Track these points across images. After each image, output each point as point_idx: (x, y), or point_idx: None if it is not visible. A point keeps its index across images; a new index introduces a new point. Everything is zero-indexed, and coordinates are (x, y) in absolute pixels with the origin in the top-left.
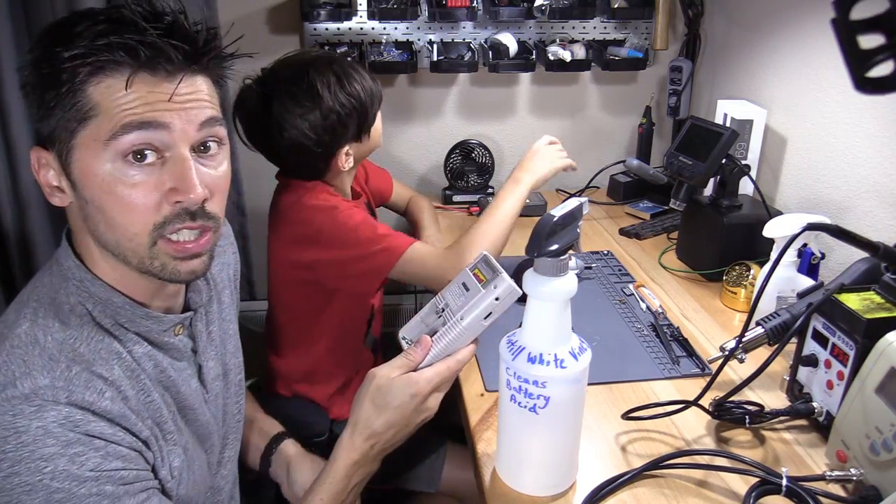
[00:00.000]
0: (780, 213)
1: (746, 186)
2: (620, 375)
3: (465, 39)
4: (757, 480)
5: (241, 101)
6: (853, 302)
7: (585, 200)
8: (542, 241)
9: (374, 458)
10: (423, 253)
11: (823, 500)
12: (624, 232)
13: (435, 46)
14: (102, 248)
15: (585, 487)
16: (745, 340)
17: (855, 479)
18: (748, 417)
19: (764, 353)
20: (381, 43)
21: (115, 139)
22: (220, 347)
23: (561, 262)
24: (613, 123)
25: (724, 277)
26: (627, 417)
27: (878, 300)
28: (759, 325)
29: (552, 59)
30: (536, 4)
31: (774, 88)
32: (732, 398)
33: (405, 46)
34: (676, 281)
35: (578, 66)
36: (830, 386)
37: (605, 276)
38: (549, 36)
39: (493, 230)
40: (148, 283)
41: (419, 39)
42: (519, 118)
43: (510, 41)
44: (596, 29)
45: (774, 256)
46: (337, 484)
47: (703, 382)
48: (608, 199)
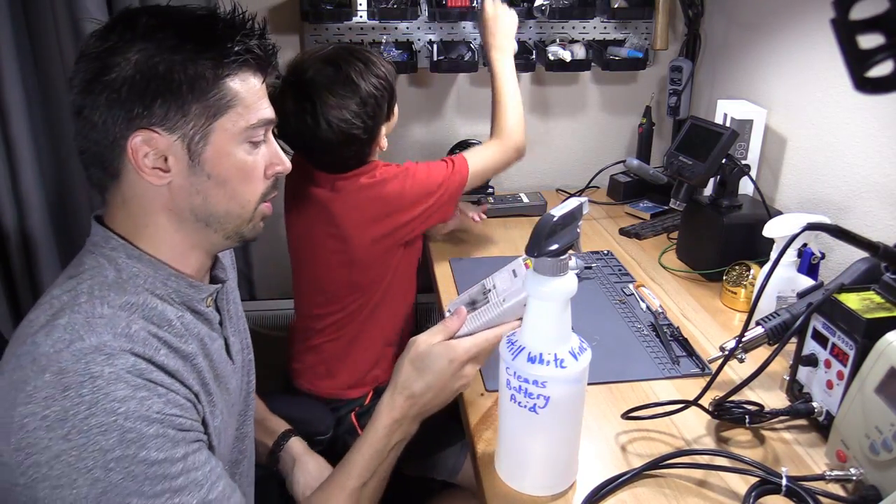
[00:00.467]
0: (780, 213)
1: (746, 186)
2: (620, 375)
3: (465, 39)
4: (757, 480)
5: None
6: (853, 302)
7: (585, 200)
8: (542, 240)
9: (413, 418)
10: (481, 154)
11: (823, 499)
12: (624, 232)
13: (435, 46)
14: (195, 220)
15: (585, 487)
16: (744, 340)
17: (855, 478)
18: (748, 417)
19: (764, 352)
20: (381, 43)
21: (252, 129)
22: (237, 324)
23: (561, 261)
24: (613, 123)
25: (724, 277)
26: (627, 417)
27: (877, 300)
28: (758, 324)
29: (552, 59)
30: (536, 4)
31: (774, 88)
32: (732, 398)
33: (405, 46)
34: (676, 281)
35: (578, 66)
36: (830, 386)
37: (605, 276)
38: (549, 36)
39: (514, 101)
40: (199, 255)
41: (419, 39)
42: None
43: None
44: (596, 29)
45: (774, 256)
46: (378, 441)
47: (703, 382)
48: (608, 198)
